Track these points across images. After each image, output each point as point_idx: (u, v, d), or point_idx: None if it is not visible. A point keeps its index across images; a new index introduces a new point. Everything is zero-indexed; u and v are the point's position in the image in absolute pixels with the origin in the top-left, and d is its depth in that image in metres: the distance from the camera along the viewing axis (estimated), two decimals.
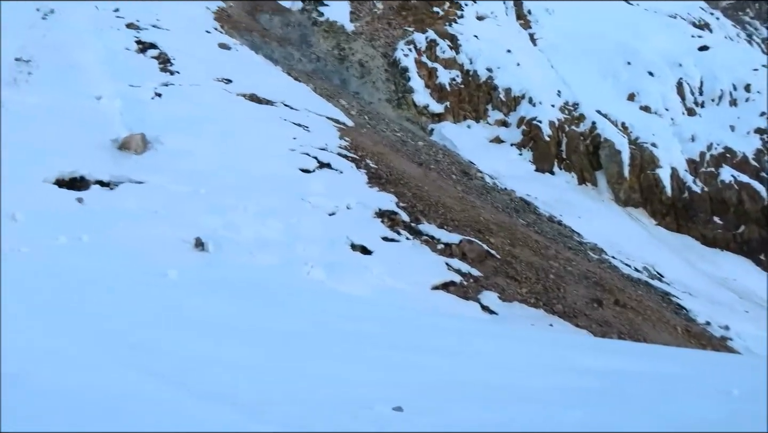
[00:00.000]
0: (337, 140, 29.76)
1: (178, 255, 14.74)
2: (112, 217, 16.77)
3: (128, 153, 24.61)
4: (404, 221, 21.86)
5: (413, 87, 50.43)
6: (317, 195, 21.91)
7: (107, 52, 38.84)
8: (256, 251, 16.63)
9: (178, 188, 20.78)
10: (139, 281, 11.80)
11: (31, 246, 12.65)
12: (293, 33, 57.47)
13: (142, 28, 43.86)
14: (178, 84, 35.20)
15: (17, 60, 35.99)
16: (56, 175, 20.64)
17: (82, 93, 31.26)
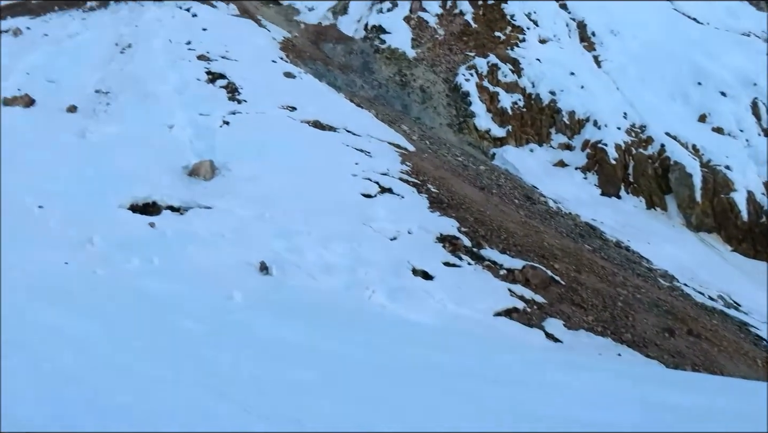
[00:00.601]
0: (398, 165, 29.91)
1: (243, 278, 15.04)
2: (181, 241, 17.35)
3: (198, 179, 25.52)
4: (466, 246, 21.66)
5: (475, 111, 50.31)
6: (379, 220, 22.01)
7: (179, 82, 40.63)
8: (319, 275, 16.81)
9: (245, 213, 21.33)
10: (206, 303, 12.12)
11: (105, 269, 13.21)
12: (356, 60, 58.56)
13: (212, 60, 45.70)
14: (245, 112, 36.37)
15: (97, 92, 38.10)
16: (131, 200, 21.61)
17: (155, 122, 32.73)
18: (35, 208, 17.60)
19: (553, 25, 58.91)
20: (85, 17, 60.67)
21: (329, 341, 10.61)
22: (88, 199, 20.44)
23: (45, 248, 13.85)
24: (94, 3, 66.36)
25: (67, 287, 11.38)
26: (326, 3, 71.50)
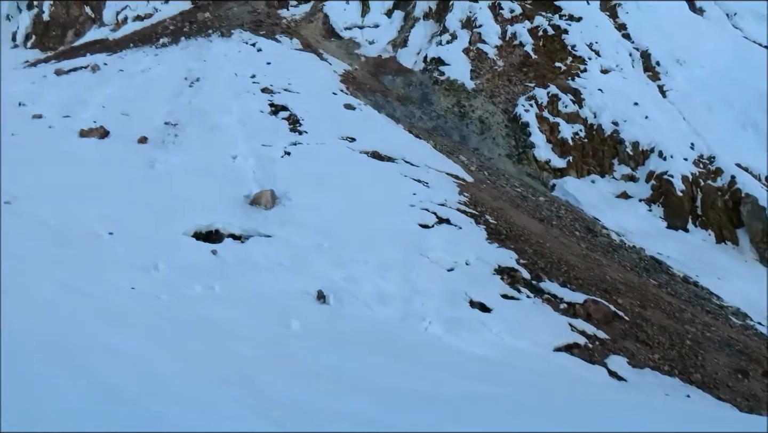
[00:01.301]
0: (456, 196, 29.81)
1: (300, 307, 15.19)
2: (242, 268, 17.73)
3: (259, 208, 26.16)
4: (525, 278, 21.25)
5: (534, 142, 49.77)
6: (436, 250, 21.91)
7: (244, 114, 42.01)
8: (375, 305, 16.80)
9: (303, 242, 21.65)
10: (264, 330, 12.26)
11: (169, 294, 13.59)
12: (414, 92, 59.13)
13: (275, 92, 47.12)
14: (305, 143, 37.21)
15: (166, 124, 39.85)
16: (194, 228, 22.31)
17: (220, 152, 33.87)
18: (105, 235, 18.36)
19: (615, 55, 57.97)
20: (157, 53, 63.83)
21: (385, 371, 10.52)
22: (154, 227, 21.21)
23: (113, 273, 14.38)
24: (166, 39, 69.77)
25: (133, 311, 11.75)
26: (386, 36, 72.81)
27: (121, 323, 10.65)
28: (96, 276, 13.83)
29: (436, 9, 73.34)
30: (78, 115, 40.91)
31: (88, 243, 17.23)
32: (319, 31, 75.70)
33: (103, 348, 8.75)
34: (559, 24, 61.80)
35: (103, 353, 8.28)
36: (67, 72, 58.83)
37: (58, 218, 19.21)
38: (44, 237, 16.68)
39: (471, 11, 66.20)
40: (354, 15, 78.57)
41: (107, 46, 75.65)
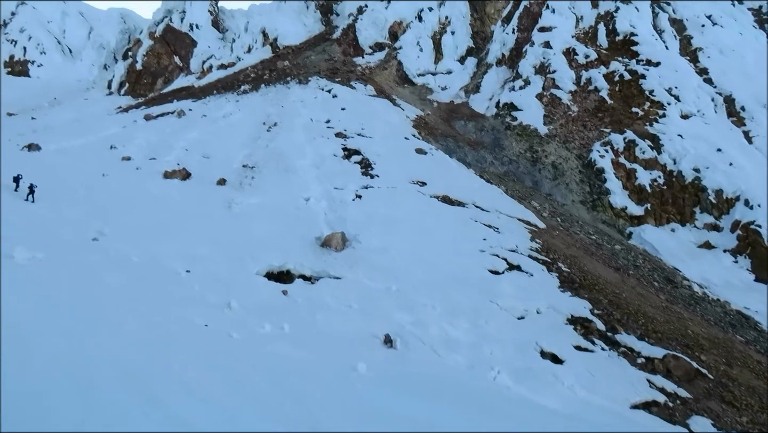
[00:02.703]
0: (528, 242, 29.32)
1: (367, 350, 15.17)
2: (311, 309, 17.94)
3: (329, 250, 26.61)
4: (599, 329, 20.46)
5: (610, 188, 48.54)
6: (506, 297, 21.48)
7: (317, 158, 43.26)
8: (443, 351, 16.55)
9: (372, 284, 21.75)
10: (331, 372, 12.28)
11: (241, 333, 13.90)
12: (486, 137, 59.23)
13: (349, 137, 48.36)
14: (377, 186, 37.81)
15: (244, 166, 41.50)
16: (267, 268, 22.89)
17: (294, 195, 34.87)
18: (183, 272, 19.07)
19: (696, 100, 56.21)
20: (238, 99, 66.90)
21: (452, 420, 10.27)
22: (229, 266, 21.89)
23: (189, 310, 14.87)
24: (248, 86, 73.15)
25: (206, 347, 12.07)
26: (459, 82, 73.67)
27: (195, 358, 10.94)
28: (173, 312, 14.33)
29: (509, 55, 73.86)
30: (163, 157, 43.28)
31: (168, 280, 17.93)
32: (393, 78, 77.52)
33: (177, 382, 9.00)
34: (636, 69, 60.75)
35: (177, 387, 8.52)
36: (155, 117, 62.51)
37: (141, 255, 20.14)
38: (128, 273, 17.49)
39: (545, 57, 66.19)
40: (427, 62, 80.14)
41: (193, 93, 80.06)
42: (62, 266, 16.01)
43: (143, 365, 9.08)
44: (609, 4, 68.87)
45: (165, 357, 10.33)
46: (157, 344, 11.08)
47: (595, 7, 70.19)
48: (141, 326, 11.91)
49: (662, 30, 66.53)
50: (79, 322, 11.14)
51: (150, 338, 11.42)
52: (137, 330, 11.65)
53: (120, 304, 13.60)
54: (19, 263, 15.01)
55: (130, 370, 8.28)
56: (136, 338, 11.12)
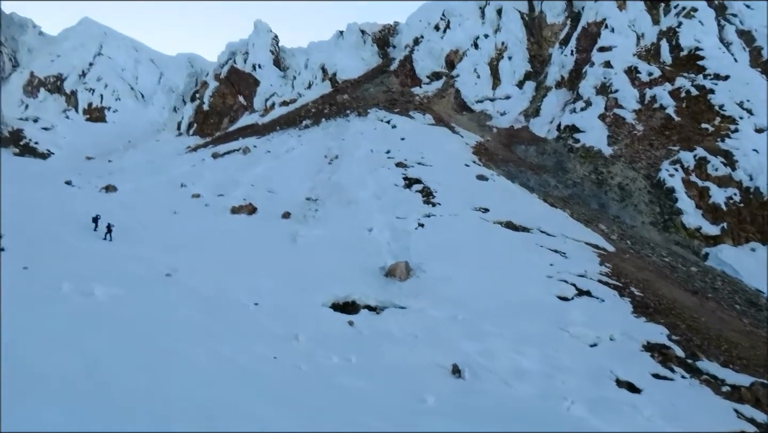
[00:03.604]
0: (597, 266, 28.45)
1: (435, 380, 14.96)
2: (377, 340, 17.90)
3: (393, 279, 26.60)
4: (678, 356, 19.48)
5: (682, 208, 46.65)
6: (577, 324, 20.82)
7: (379, 188, 43.61)
8: (513, 381, 16.12)
9: (437, 313, 21.55)
10: (398, 404, 12.17)
11: (309, 365, 14.01)
12: (549, 160, 58.29)
13: (409, 166, 48.60)
14: (439, 214, 37.69)
15: (307, 199, 42.31)
16: (332, 299, 23.06)
17: (356, 226, 35.18)
18: (251, 305, 19.45)
19: None
20: (300, 134, 68.51)
21: None
22: (296, 297, 22.19)
23: (258, 342, 15.12)
24: (309, 121, 74.92)
25: (275, 380, 12.21)
26: (518, 107, 73.13)
27: (263, 391, 11.08)
28: (242, 345, 14.60)
29: (568, 77, 72.85)
30: (230, 193, 44.68)
31: (236, 313, 18.32)
32: (451, 106, 77.73)
33: (246, 416, 9.14)
34: (703, 84, 58.61)
35: (246, 420, 8.64)
36: (222, 155, 64.74)
37: (210, 289, 20.70)
38: (198, 307, 17.98)
39: (605, 77, 64.90)
40: (485, 88, 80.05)
41: (257, 130, 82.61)
42: (138, 302, 16.65)
43: (216, 400, 9.27)
44: (671, 20, 67.18)
45: (236, 391, 10.51)
46: (229, 378, 11.29)
47: (657, 23, 68.60)
48: (212, 360, 12.18)
49: (730, 42, 64.17)
50: (155, 357, 11.51)
51: (221, 371, 11.65)
52: (209, 364, 11.92)
53: (192, 338, 13.97)
54: (99, 300, 15.75)
55: (204, 405, 8.47)
56: (208, 372, 11.37)
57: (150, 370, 10.43)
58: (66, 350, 10.32)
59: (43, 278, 17.41)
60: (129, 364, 10.55)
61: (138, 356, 11.22)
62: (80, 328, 12.35)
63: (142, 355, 11.42)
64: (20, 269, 18.60)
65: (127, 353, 11.23)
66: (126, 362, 10.54)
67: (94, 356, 10.48)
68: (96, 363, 9.97)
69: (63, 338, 11.23)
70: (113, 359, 10.52)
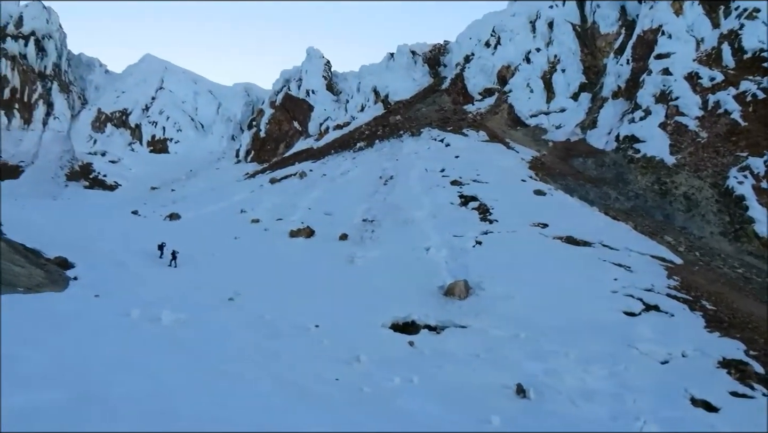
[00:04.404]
0: (664, 280, 27.39)
1: (499, 401, 14.65)
2: (438, 360, 17.70)
3: (452, 298, 26.32)
4: (757, 372, 18.44)
5: (754, 217, 44.48)
6: (646, 341, 20.03)
7: (435, 207, 43.49)
8: (580, 401, 15.61)
9: (499, 332, 21.17)
10: (463, 426, 11.95)
11: (371, 386, 13.96)
12: (608, 172, 56.82)
13: (464, 184, 48.31)
14: (496, 231, 37.20)
15: (364, 221, 42.57)
16: (392, 320, 22.99)
17: (413, 245, 35.10)
18: (312, 328, 19.61)
19: None
20: (355, 156, 69.26)
21: None
22: (355, 319, 22.24)
23: (320, 365, 15.20)
24: (362, 143, 75.71)
25: (338, 402, 12.21)
26: (573, 119, 71.82)
27: (327, 414, 11.09)
28: (305, 368, 14.70)
29: (625, 87, 71.00)
30: (288, 217, 45.49)
31: (298, 336, 18.50)
32: (505, 121, 77.08)
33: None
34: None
35: None
36: (279, 180, 66.10)
37: (272, 312, 21.00)
38: (261, 330, 18.27)
39: (665, 84, 62.98)
40: (539, 102, 79.06)
41: (312, 154, 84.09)
42: (203, 326, 17.05)
43: (280, 424, 9.32)
44: (732, 22, 64.79)
45: (300, 414, 10.55)
46: (292, 401, 11.35)
47: (717, 26, 66.30)
48: (275, 384, 12.30)
49: None
50: (219, 381, 11.71)
51: (285, 394, 11.74)
52: (272, 387, 12.03)
53: (255, 361, 14.17)
54: (165, 325, 16.22)
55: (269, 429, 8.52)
56: (271, 395, 11.48)
57: (215, 394, 10.61)
58: (135, 374, 10.63)
59: (113, 305, 18.08)
60: (194, 388, 10.77)
61: (203, 380, 11.44)
62: (148, 353, 12.71)
63: (206, 379, 11.64)
64: (92, 296, 19.41)
65: (193, 377, 11.47)
66: (191, 386, 10.76)
67: (161, 379, 10.75)
68: (163, 387, 10.22)
69: (132, 362, 11.58)
70: (179, 383, 10.76)
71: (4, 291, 16.48)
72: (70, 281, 21.75)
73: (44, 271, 21.27)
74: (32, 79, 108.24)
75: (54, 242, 27.27)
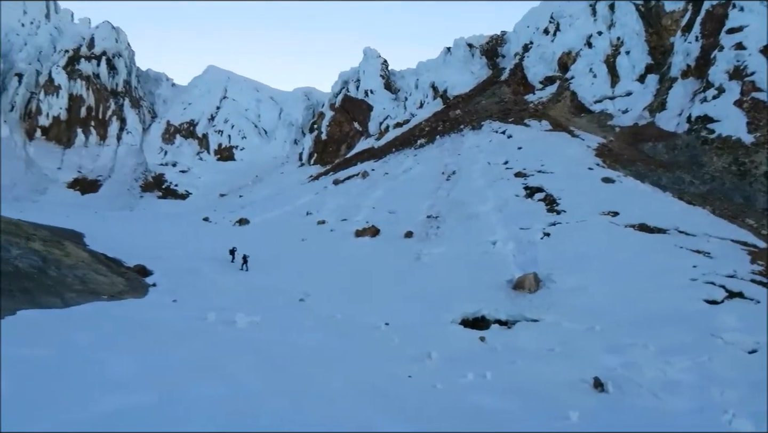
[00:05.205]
0: (747, 265, 25.98)
1: (577, 395, 14.25)
2: (511, 355, 17.41)
3: (522, 292, 25.86)
4: None
5: None
6: (730, 329, 19.04)
7: (499, 200, 42.85)
8: (662, 394, 14.98)
9: (573, 326, 20.63)
10: (540, 422, 11.69)
11: (443, 382, 13.87)
12: (681, 156, 54.44)
13: (529, 175, 47.39)
14: (564, 222, 36.30)
15: (428, 217, 42.42)
16: (461, 316, 22.80)
17: (479, 240, 34.72)
18: (383, 326, 19.70)
19: None
20: (416, 153, 69.14)
21: None
22: (424, 316, 22.19)
23: (391, 363, 15.23)
24: (423, 140, 75.50)
25: (411, 400, 12.20)
26: (640, 102, 69.14)
27: (401, 412, 11.09)
28: (376, 365, 14.77)
29: (695, 65, 67.78)
30: (353, 217, 45.88)
31: (368, 334, 18.62)
32: (568, 109, 75.11)
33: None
34: None
35: None
36: (343, 181, 66.79)
37: (341, 312, 21.25)
38: (332, 330, 18.51)
39: (739, 60, 59.75)
40: (603, 87, 76.54)
41: (374, 154, 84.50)
42: (276, 328, 17.43)
43: (354, 423, 9.39)
44: None
45: (374, 413, 10.61)
46: (365, 400, 11.42)
47: None
48: (348, 384, 12.41)
49: None
50: (292, 381, 11.93)
51: (357, 393, 11.82)
52: (344, 386, 12.14)
53: (327, 361, 14.36)
54: (240, 327, 16.69)
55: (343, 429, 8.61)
56: (344, 394, 11.58)
57: (289, 394, 10.81)
58: (214, 377, 10.96)
59: (190, 309, 18.74)
60: (270, 388, 11.00)
61: (277, 381, 11.68)
62: (225, 355, 13.09)
63: (280, 379, 11.88)
64: (170, 302, 20.16)
65: (268, 378, 11.73)
66: (267, 387, 11.00)
67: (239, 381, 11.05)
68: (241, 389, 10.50)
69: (211, 365, 11.95)
70: (256, 385, 11.03)
71: (90, 299, 17.34)
72: (149, 288, 22.67)
73: (125, 279, 22.24)
74: (105, 97, 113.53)
75: (132, 250, 28.51)
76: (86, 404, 8.55)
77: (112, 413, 8.38)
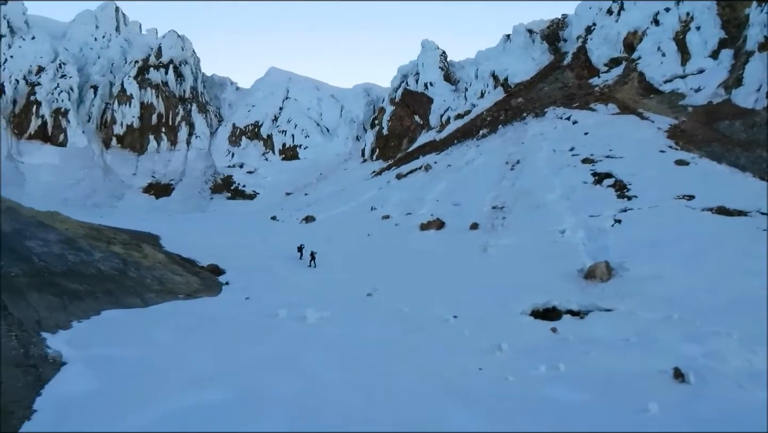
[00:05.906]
0: None
1: (655, 386, 13.75)
2: (584, 346, 16.99)
3: (594, 281, 25.17)
4: None
5: None
6: None
7: (566, 188, 41.84)
8: (749, 384, 14.26)
9: (648, 315, 19.95)
10: (618, 415, 11.37)
11: (515, 375, 13.68)
12: (760, 134, 51.47)
13: (597, 161, 46.03)
14: (636, 208, 35.09)
15: (493, 208, 41.90)
16: (531, 307, 22.43)
17: (547, 229, 34.02)
18: (451, 319, 19.63)
19: None
20: (478, 144, 68.39)
21: None
22: (493, 308, 21.95)
23: (461, 355, 15.15)
24: (485, 130, 74.53)
25: (482, 392, 12.10)
26: (714, 79, 65.74)
27: (473, 405, 11.03)
28: (446, 358, 14.73)
29: None
30: (417, 211, 45.86)
31: (437, 327, 18.60)
32: (636, 91, 72.33)
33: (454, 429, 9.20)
34: None
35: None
36: (406, 175, 66.81)
37: (409, 306, 21.31)
38: (400, 324, 18.59)
39: None
40: (673, 65, 73.22)
41: (435, 147, 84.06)
42: (345, 323, 17.68)
43: (426, 417, 9.42)
44: None
45: (445, 407, 10.60)
46: (436, 394, 11.43)
47: None
48: (420, 378, 12.45)
49: None
50: (364, 375, 12.07)
51: (428, 387, 11.84)
52: (416, 380, 12.18)
53: (397, 355, 14.44)
54: (310, 323, 17.05)
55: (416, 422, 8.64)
56: (415, 388, 11.63)
57: (361, 388, 10.94)
58: (289, 372, 11.22)
59: (263, 306, 19.27)
60: (342, 383, 11.17)
61: (349, 375, 11.85)
62: (297, 350, 13.38)
63: (352, 373, 12.05)
64: (243, 299, 20.79)
65: (340, 373, 11.91)
66: (340, 383, 11.17)
67: (312, 376, 11.27)
68: (315, 384, 10.70)
69: (285, 360, 12.24)
70: (329, 379, 11.22)
71: (167, 299, 18.08)
72: (222, 286, 23.44)
73: (199, 278, 23.08)
74: (174, 103, 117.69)
75: (205, 251, 29.53)
76: (169, 399, 8.94)
77: (194, 408, 8.72)
